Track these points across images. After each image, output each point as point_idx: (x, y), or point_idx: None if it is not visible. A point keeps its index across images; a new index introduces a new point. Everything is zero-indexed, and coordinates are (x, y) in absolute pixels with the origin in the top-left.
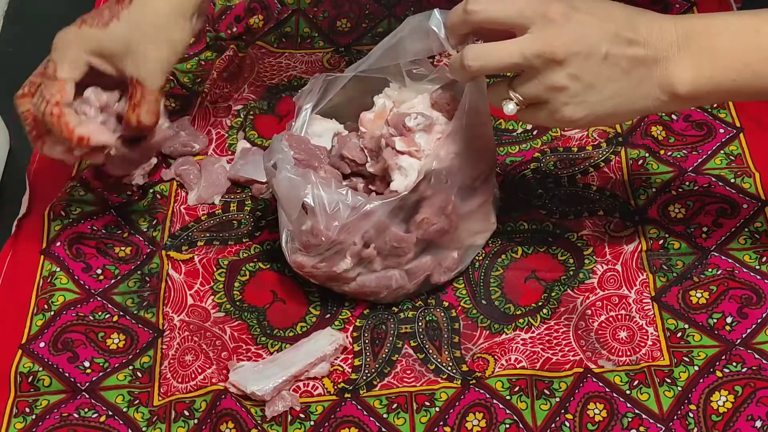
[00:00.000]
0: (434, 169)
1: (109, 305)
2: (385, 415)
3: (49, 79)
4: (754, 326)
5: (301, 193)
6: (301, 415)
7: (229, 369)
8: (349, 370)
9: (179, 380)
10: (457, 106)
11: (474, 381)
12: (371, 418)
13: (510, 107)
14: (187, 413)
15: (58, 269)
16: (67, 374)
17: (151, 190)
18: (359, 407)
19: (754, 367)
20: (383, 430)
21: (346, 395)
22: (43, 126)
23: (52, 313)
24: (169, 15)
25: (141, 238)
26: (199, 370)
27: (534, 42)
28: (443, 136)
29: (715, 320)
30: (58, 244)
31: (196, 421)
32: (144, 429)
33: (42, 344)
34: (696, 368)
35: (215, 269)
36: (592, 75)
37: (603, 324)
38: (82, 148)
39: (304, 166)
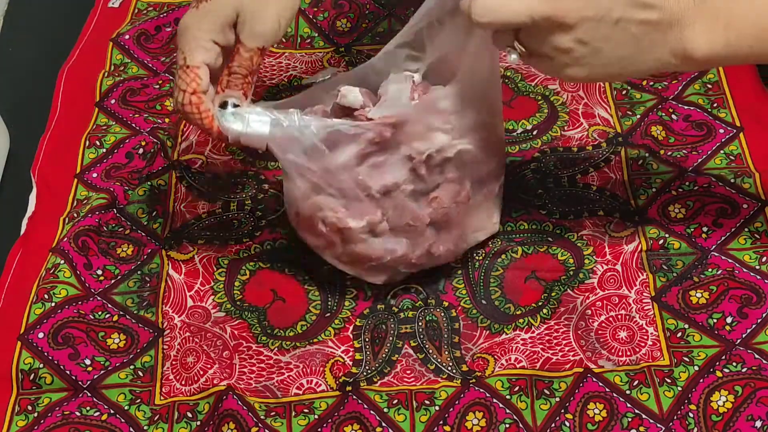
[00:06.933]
0: (464, 149)
1: (109, 305)
2: (386, 410)
3: (182, 70)
4: (754, 326)
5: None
6: (305, 410)
7: (230, 369)
8: (350, 363)
9: (182, 383)
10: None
11: (474, 380)
12: (372, 412)
13: (513, 57)
14: (190, 415)
15: (62, 261)
16: (68, 372)
17: (148, 183)
18: (360, 401)
19: (754, 367)
20: (383, 424)
21: (348, 388)
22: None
23: (53, 304)
24: None
25: (142, 233)
26: (201, 372)
27: (544, 4)
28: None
29: (715, 320)
30: (65, 239)
31: (198, 423)
32: (146, 428)
33: (41, 335)
34: (696, 368)
35: (215, 269)
36: (600, 40)
37: (603, 324)
38: (221, 139)
39: None
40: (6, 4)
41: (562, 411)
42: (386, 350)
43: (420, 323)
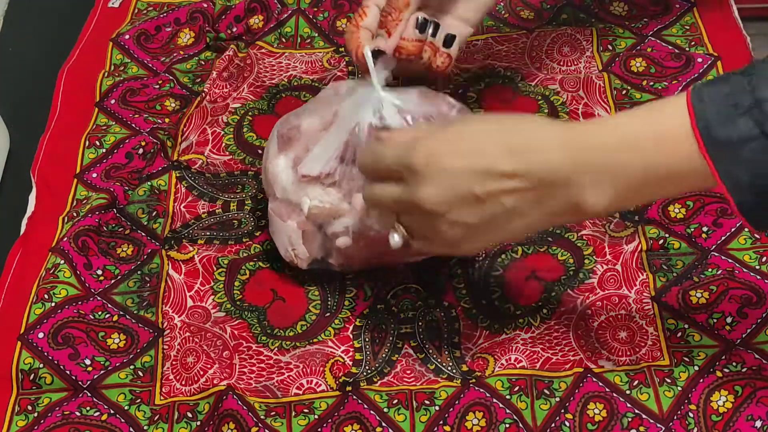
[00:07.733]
0: None
1: (109, 305)
2: (386, 410)
3: (359, 5)
4: (754, 326)
5: None
6: (305, 410)
7: (230, 369)
8: (350, 363)
9: (182, 383)
10: None
11: (474, 380)
12: (372, 412)
13: (396, 239)
14: (190, 415)
15: (62, 262)
16: (68, 372)
17: (148, 183)
18: (360, 401)
19: (754, 367)
20: (383, 424)
21: (348, 388)
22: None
23: (53, 304)
24: None
25: (142, 233)
26: (201, 372)
27: (404, 192)
28: None
29: (715, 320)
30: (65, 239)
31: (198, 423)
32: (146, 428)
33: (41, 335)
34: (696, 368)
35: (215, 269)
36: (469, 218)
37: (603, 324)
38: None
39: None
40: (6, 4)
41: (562, 411)
42: (386, 350)
43: (420, 323)
